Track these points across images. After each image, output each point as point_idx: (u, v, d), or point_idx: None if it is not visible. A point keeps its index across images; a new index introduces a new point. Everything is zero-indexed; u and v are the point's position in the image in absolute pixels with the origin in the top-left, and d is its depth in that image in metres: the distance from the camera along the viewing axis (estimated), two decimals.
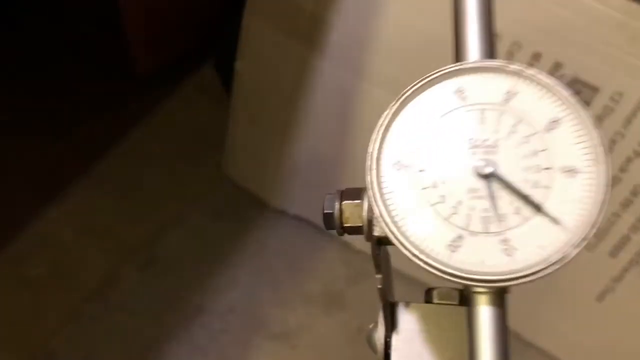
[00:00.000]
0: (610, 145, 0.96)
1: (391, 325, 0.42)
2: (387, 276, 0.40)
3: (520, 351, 1.19)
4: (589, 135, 0.31)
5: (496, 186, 0.32)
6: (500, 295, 0.32)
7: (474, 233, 0.32)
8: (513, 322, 1.10)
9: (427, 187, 0.33)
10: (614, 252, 1.03)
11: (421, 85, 0.34)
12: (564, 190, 0.31)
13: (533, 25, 0.95)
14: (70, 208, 1.35)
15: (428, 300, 0.43)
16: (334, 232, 0.38)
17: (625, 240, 1.02)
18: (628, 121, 0.93)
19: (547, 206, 0.31)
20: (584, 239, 0.31)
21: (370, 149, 0.33)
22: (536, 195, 0.32)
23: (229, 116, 1.32)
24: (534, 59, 0.95)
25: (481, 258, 0.31)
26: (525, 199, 0.32)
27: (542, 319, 1.16)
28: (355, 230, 0.36)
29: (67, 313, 1.23)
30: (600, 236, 1.03)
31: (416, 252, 0.31)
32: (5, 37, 1.47)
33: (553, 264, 0.31)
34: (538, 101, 0.33)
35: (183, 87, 1.51)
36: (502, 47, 0.96)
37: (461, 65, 0.34)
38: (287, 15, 1.13)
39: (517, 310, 1.24)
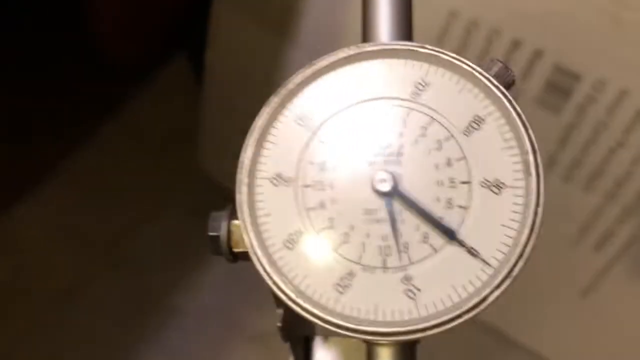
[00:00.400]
0: (593, 136, 0.90)
1: None
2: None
3: (503, 350, 1.14)
4: (518, 139, 0.24)
5: (399, 206, 0.24)
6: (407, 347, 0.24)
7: (368, 268, 0.24)
8: (496, 320, 1.06)
9: (313, 208, 0.25)
10: (598, 246, 0.97)
11: (308, 76, 0.26)
12: (485, 210, 0.23)
13: (512, 11, 0.90)
14: (36, 207, 1.30)
15: None
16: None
17: (609, 234, 0.96)
18: (611, 111, 0.87)
19: (463, 232, 0.24)
20: (507, 277, 0.23)
21: (241, 158, 0.25)
22: (450, 219, 0.24)
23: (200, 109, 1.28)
24: (514, 47, 0.89)
25: (376, 302, 0.24)
26: (435, 223, 0.24)
27: (526, 316, 1.12)
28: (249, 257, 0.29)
29: (32, 319, 1.19)
30: (583, 230, 0.97)
31: (293, 296, 0.24)
32: None
33: (468, 310, 0.23)
34: (456, 95, 0.25)
35: (155, 80, 1.45)
36: (478, 34, 0.90)
37: (360, 48, 0.26)
38: (257, 3, 1.09)
39: (500, 308, 1.20)
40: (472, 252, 0.23)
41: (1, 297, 1.21)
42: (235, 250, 0.29)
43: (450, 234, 0.24)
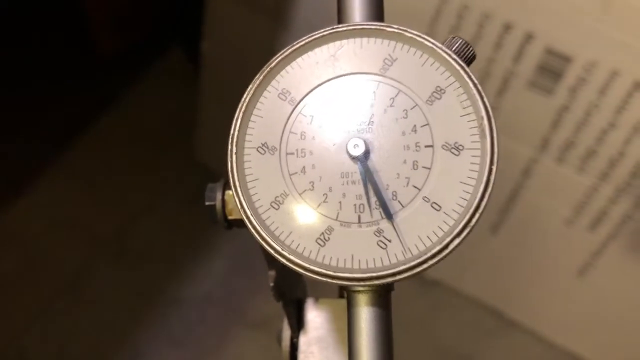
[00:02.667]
0: (585, 117, 0.92)
1: (297, 324, 0.38)
2: (288, 273, 0.36)
3: (502, 330, 1.16)
4: (475, 107, 0.27)
5: (371, 169, 0.28)
6: (382, 295, 0.28)
7: (345, 223, 0.28)
8: (495, 301, 1.08)
9: (296, 173, 0.28)
10: (593, 226, 0.99)
11: (289, 55, 0.29)
12: (446, 170, 0.27)
13: None
14: (37, 201, 1.32)
15: (342, 294, 0.39)
16: None
17: (603, 214, 0.98)
18: (602, 92, 0.88)
19: (427, 190, 0.27)
20: (465, 226, 0.26)
21: (231, 130, 0.28)
22: (416, 178, 0.27)
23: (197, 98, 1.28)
24: (505, 30, 0.91)
25: (352, 252, 0.27)
26: (380, 199, 0.27)
27: (524, 296, 1.14)
28: (243, 224, 0.32)
29: (37, 309, 1.21)
30: (578, 210, 0.99)
31: (278, 248, 0.27)
32: None
33: (432, 256, 0.26)
34: (420, 68, 0.28)
35: (151, 71, 1.45)
36: (470, 18, 0.92)
37: (335, 28, 0.29)
38: None
39: (498, 289, 1.22)
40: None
41: (8, 288, 1.23)
42: (230, 217, 0.33)
43: (387, 215, 0.27)
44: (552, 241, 1.05)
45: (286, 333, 0.38)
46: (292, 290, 0.37)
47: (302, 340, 0.38)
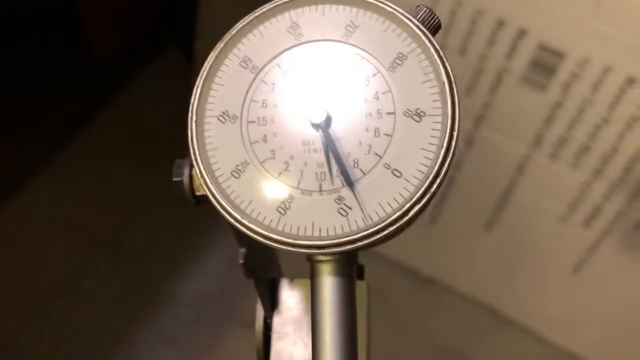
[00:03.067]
0: (578, 113, 0.91)
1: (271, 305, 0.38)
2: (259, 250, 0.36)
3: (497, 327, 1.16)
4: (436, 72, 0.26)
5: (332, 137, 0.27)
6: (344, 264, 0.27)
7: (305, 192, 0.27)
8: (489, 298, 1.07)
9: (257, 142, 0.28)
10: (587, 222, 0.99)
11: (249, 22, 0.29)
12: (407, 137, 0.26)
13: None
14: (36, 200, 1.32)
15: None
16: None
17: (597, 210, 0.97)
18: (595, 88, 0.88)
19: (388, 157, 0.26)
20: (425, 193, 0.25)
21: (191, 99, 0.28)
22: (377, 145, 0.27)
23: None
24: (498, 26, 0.91)
25: (312, 220, 0.26)
26: (342, 167, 0.27)
27: (518, 293, 1.13)
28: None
29: (35, 309, 1.21)
30: (572, 207, 0.99)
31: (239, 217, 0.27)
32: None
33: (391, 222, 0.26)
34: (382, 35, 0.28)
35: (148, 70, 1.46)
36: (464, 14, 0.92)
37: None
38: None
39: (492, 286, 1.21)
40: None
41: (6, 288, 1.23)
42: (197, 194, 0.32)
43: (348, 182, 0.26)
44: (546, 238, 1.05)
45: (259, 314, 0.37)
46: (264, 268, 0.37)
47: (276, 320, 0.37)
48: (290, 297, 0.37)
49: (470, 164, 1.03)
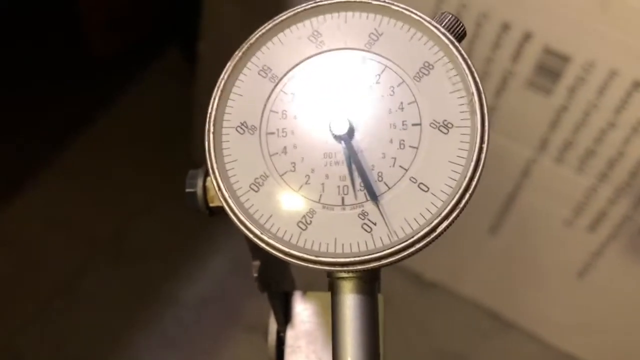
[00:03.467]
0: (584, 117, 0.90)
1: (284, 318, 0.36)
2: (274, 263, 0.35)
3: (500, 331, 1.15)
4: (464, 82, 0.25)
5: (355, 149, 0.26)
6: (367, 282, 0.26)
7: (327, 206, 0.26)
8: (493, 302, 1.07)
9: (277, 154, 0.27)
10: (592, 227, 0.98)
11: (269, 30, 0.28)
12: (434, 149, 0.25)
13: None
14: (36, 201, 1.31)
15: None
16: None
17: (602, 214, 0.96)
18: (600, 92, 0.87)
19: (414, 170, 0.25)
20: (454, 208, 0.24)
21: (209, 109, 0.27)
22: (402, 158, 0.26)
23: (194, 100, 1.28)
24: (503, 30, 0.90)
25: (335, 236, 0.25)
26: (365, 181, 0.26)
27: (523, 298, 1.13)
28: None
29: (33, 309, 1.20)
30: (577, 211, 0.98)
31: (258, 232, 0.26)
32: None
33: (418, 239, 0.25)
34: (407, 43, 0.27)
35: (149, 71, 1.45)
36: (468, 18, 0.91)
37: (317, 2, 0.28)
38: None
39: (496, 290, 1.20)
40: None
41: (5, 289, 1.22)
42: (212, 205, 0.31)
43: (372, 196, 0.25)
44: (551, 242, 1.04)
45: (272, 327, 0.36)
46: (278, 281, 0.36)
47: (289, 334, 0.36)
48: (304, 310, 0.36)
49: None
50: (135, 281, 1.24)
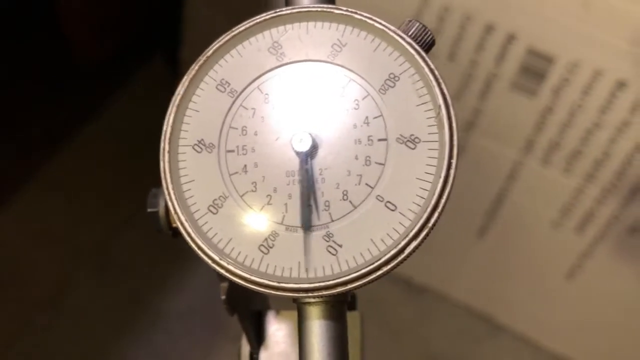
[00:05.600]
0: (569, 118, 0.90)
1: (257, 339, 0.35)
2: None
3: (491, 334, 1.14)
4: (432, 95, 0.24)
5: (320, 166, 0.25)
6: (334, 306, 0.24)
7: (291, 228, 0.24)
8: (483, 305, 1.06)
9: (236, 173, 0.25)
10: (580, 228, 0.97)
11: (227, 42, 0.26)
12: (401, 165, 0.24)
13: None
14: (17, 213, 1.29)
15: None
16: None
17: (590, 215, 0.95)
18: (585, 92, 0.87)
19: (380, 188, 0.24)
20: (423, 227, 0.23)
21: (164, 127, 0.25)
22: (368, 175, 0.24)
23: None
24: (487, 32, 0.90)
25: (299, 259, 0.24)
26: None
27: (513, 300, 1.12)
28: None
29: (19, 325, 1.18)
30: (564, 212, 0.97)
31: (216, 257, 0.24)
32: None
33: (387, 261, 0.23)
34: (372, 54, 0.25)
35: (132, 81, 1.44)
36: (452, 20, 0.90)
37: (278, 12, 0.26)
38: None
39: (486, 293, 1.19)
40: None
41: None
42: (174, 225, 0.29)
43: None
44: (540, 244, 1.03)
45: (245, 349, 0.35)
46: (248, 302, 0.34)
47: (263, 356, 0.35)
48: (277, 331, 0.34)
49: (462, 171, 1.00)
50: (121, 293, 1.23)
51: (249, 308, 0.34)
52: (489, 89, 0.94)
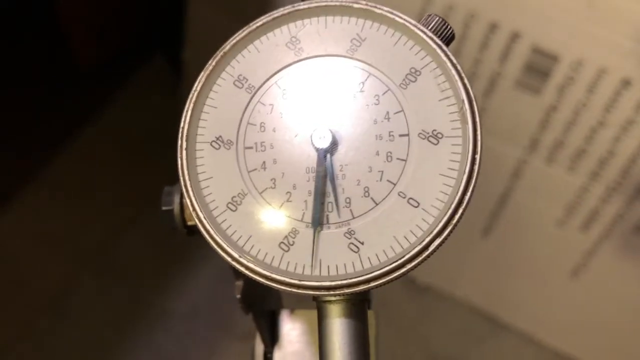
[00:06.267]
0: (574, 116, 0.90)
1: (271, 338, 0.34)
2: (258, 282, 0.33)
3: (494, 333, 1.14)
4: (454, 89, 0.23)
5: (340, 162, 0.24)
6: (356, 304, 0.24)
7: (311, 225, 0.24)
8: (487, 304, 1.06)
9: (255, 170, 0.25)
10: (585, 226, 0.97)
11: (244, 37, 0.26)
12: (423, 161, 0.23)
13: None
14: (19, 216, 1.29)
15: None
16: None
17: (594, 214, 0.95)
18: (590, 90, 0.86)
19: (403, 184, 0.23)
20: (447, 224, 0.23)
21: (181, 124, 0.25)
22: (390, 171, 0.24)
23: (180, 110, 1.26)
24: (491, 30, 0.89)
25: (320, 257, 0.23)
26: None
27: (517, 299, 1.12)
28: None
29: (21, 328, 1.17)
30: (569, 211, 0.97)
31: (236, 255, 0.24)
32: None
33: (410, 259, 0.23)
34: (392, 48, 0.25)
35: (133, 82, 1.43)
36: (455, 19, 0.90)
37: (295, 6, 0.26)
38: (233, 0, 1.08)
39: (490, 292, 1.19)
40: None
41: None
42: (189, 223, 0.29)
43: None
44: (544, 242, 1.03)
45: (259, 348, 0.34)
46: (263, 301, 0.34)
47: (277, 355, 0.34)
48: (292, 330, 0.34)
49: None
50: (123, 294, 1.22)
51: (263, 307, 0.34)
52: (493, 87, 0.93)
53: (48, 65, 1.40)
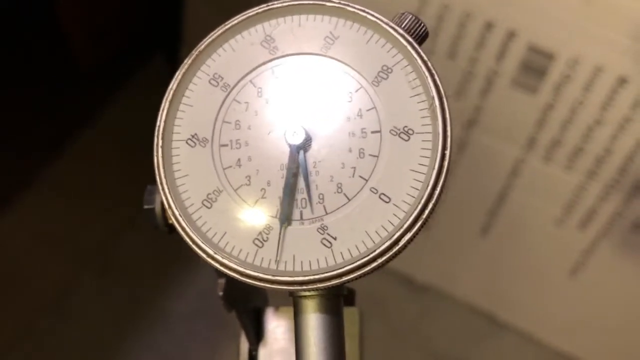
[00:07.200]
0: (570, 114, 0.89)
1: (256, 336, 0.35)
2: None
3: (494, 332, 1.14)
4: (425, 86, 0.24)
5: (314, 159, 0.25)
6: (330, 299, 0.24)
7: (279, 220, 0.24)
8: (486, 303, 1.06)
9: (230, 167, 0.25)
10: (583, 224, 0.97)
11: (219, 36, 0.26)
12: (395, 157, 0.24)
13: None
14: (19, 217, 1.29)
15: None
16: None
17: (593, 212, 0.95)
18: (586, 88, 0.86)
19: (374, 180, 0.24)
20: (417, 219, 0.23)
21: (157, 122, 0.25)
22: (362, 167, 0.24)
23: None
24: (487, 29, 0.89)
25: (293, 252, 0.24)
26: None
27: (516, 298, 1.11)
28: None
29: (21, 328, 1.18)
30: (567, 209, 0.97)
31: (210, 252, 0.24)
32: None
33: (381, 253, 0.23)
34: (364, 46, 0.25)
35: (133, 82, 1.44)
36: (451, 18, 0.90)
37: (269, 5, 0.26)
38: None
39: (489, 291, 1.19)
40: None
41: None
42: (170, 222, 0.29)
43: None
44: (543, 241, 1.03)
45: (244, 346, 0.35)
46: (247, 299, 0.34)
47: (262, 352, 0.35)
48: (277, 328, 0.34)
49: (463, 169, 1.01)
50: (123, 295, 1.23)
51: (247, 305, 0.34)
52: (490, 86, 0.93)
53: (48, 65, 1.41)
